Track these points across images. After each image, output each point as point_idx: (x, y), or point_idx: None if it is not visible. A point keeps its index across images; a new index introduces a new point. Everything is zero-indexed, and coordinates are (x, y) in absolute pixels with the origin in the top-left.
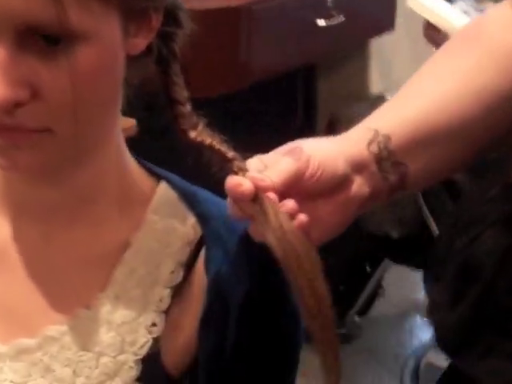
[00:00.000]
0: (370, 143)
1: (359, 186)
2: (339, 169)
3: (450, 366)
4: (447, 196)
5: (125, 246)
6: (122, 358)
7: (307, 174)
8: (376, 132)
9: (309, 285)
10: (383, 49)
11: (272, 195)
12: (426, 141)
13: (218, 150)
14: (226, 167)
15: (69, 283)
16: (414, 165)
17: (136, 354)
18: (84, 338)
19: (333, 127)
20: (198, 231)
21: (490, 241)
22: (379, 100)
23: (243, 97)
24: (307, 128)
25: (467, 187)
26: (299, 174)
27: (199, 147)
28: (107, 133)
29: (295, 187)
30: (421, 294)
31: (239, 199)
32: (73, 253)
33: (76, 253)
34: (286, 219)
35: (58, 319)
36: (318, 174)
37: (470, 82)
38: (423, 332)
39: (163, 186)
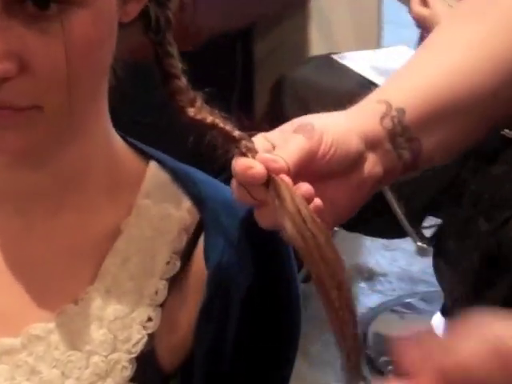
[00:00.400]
0: (383, 117)
1: (373, 165)
2: (352, 147)
3: None
4: None
5: (115, 234)
6: (114, 356)
7: (320, 153)
8: (389, 105)
9: (332, 275)
10: (323, 9)
11: (286, 178)
12: (440, 114)
13: (222, 128)
14: (230, 148)
15: (54, 276)
16: (427, 140)
17: (130, 352)
18: (72, 336)
19: (279, 89)
20: (195, 216)
21: None
22: (326, 61)
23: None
24: (246, 91)
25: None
26: (312, 153)
27: (199, 127)
28: (96, 109)
29: (307, 168)
30: (365, 260)
31: (249, 183)
32: (58, 243)
33: (61, 243)
34: (303, 204)
35: (43, 316)
36: (331, 152)
37: (484, 51)
38: (368, 298)
39: (153, 167)
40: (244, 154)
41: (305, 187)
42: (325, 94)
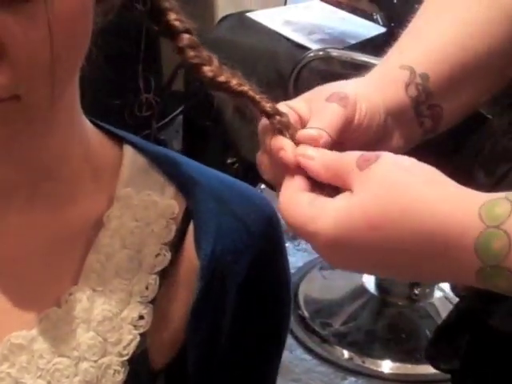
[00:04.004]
0: (407, 85)
1: (396, 140)
2: (382, 118)
3: (466, 313)
4: None
5: (97, 227)
6: (105, 361)
7: (355, 122)
8: (412, 71)
9: None
10: None
11: None
12: (463, 74)
13: (252, 97)
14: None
15: (33, 277)
16: (448, 105)
17: (121, 355)
18: (58, 342)
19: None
20: (182, 202)
21: None
22: (240, 19)
23: None
24: (152, 56)
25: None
26: (348, 122)
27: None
28: (71, 95)
29: (341, 138)
30: None
31: (277, 161)
32: (34, 240)
33: (38, 240)
34: None
35: (24, 323)
36: (366, 122)
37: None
38: (294, 257)
39: (129, 151)
40: (280, 131)
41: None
42: (241, 52)
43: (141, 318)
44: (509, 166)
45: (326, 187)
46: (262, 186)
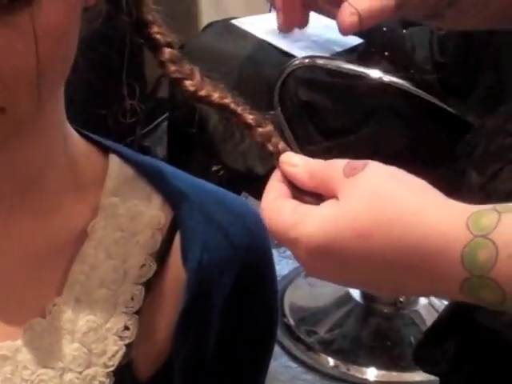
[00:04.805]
0: None
1: None
2: None
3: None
4: (309, 121)
5: (81, 237)
6: (90, 372)
7: None
8: None
9: None
10: None
11: None
12: None
13: (233, 110)
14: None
15: (17, 288)
16: None
17: (106, 366)
18: (42, 353)
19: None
20: (168, 213)
21: (510, 181)
22: (225, 27)
23: None
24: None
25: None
26: None
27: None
28: (55, 103)
29: None
30: None
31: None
32: (18, 251)
33: (22, 250)
34: None
35: (7, 334)
36: None
37: None
38: (279, 265)
39: (115, 161)
40: (262, 144)
41: None
42: (226, 60)
43: (126, 328)
44: (500, 165)
45: (308, 195)
46: (246, 195)
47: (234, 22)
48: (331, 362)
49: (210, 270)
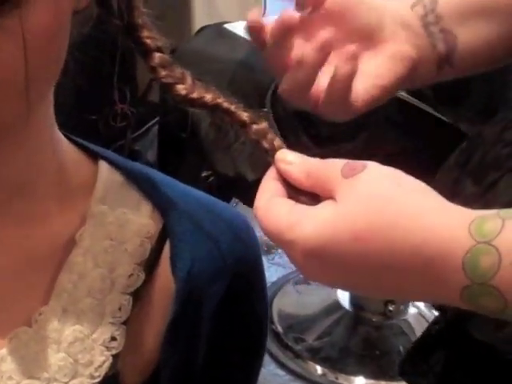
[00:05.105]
0: (413, 5)
1: (403, 41)
2: (387, 21)
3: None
4: (301, 128)
5: (69, 245)
6: (75, 382)
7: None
8: None
9: None
10: None
11: None
12: (477, 7)
13: (227, 109)
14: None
15: (3, 296)
16: (463, 34)
17: (92, 377)
18: (28, 362)
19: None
20: (158, 221)
21: (508, 190)
22: (218, 31)
23: None
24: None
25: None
26: None
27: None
28: (45, 109)
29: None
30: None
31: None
32: (4, 258)
33: (9, 258)
34: None
35: None
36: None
37: None
38: (268, 272)
39: (104, 167)
40: (257, 141)
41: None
42: (219, 64)
43: (113, 339)
44: (498, 175)
45: (304, 194)
46: (236, 201)
47: (226, 26)
48: (319, 370)
49: (200, 280)
